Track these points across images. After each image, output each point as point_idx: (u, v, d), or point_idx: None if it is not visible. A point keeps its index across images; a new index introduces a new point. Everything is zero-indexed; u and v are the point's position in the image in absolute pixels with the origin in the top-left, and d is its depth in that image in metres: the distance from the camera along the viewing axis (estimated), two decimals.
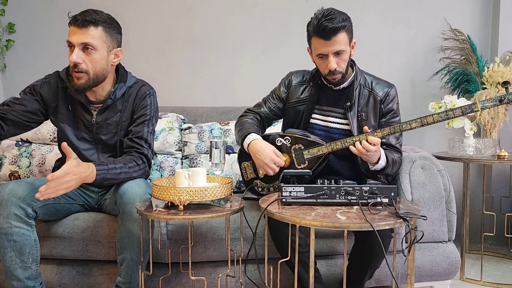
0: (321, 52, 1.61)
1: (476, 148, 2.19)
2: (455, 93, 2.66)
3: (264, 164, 1.65)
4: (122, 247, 1.55)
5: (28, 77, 2.72)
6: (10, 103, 1.67)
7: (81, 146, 1.71)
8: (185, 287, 1.75)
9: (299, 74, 1.85)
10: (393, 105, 1.75)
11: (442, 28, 2.74)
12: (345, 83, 1.73)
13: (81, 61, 1.58)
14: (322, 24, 1.56)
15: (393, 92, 1.76)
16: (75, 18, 1.58)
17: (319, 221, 1.21)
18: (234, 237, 1.72)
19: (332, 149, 1.67)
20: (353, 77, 1.74)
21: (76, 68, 1.59)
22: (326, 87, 1.77)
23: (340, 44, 1.59)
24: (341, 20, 1.57)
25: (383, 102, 1.73)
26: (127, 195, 1.52)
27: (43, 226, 1.69)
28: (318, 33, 1.59)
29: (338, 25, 1.56)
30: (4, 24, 2.73)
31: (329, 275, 1.80)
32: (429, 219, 1.82)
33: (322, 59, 1.64)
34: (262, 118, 1.86)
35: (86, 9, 1.62)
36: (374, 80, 1.77)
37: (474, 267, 2.31)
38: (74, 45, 1.58)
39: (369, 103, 1.73)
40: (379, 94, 1.73)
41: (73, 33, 1.58)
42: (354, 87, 1.72)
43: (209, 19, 2.75)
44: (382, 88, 1.75)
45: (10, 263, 1.49)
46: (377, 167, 1.62)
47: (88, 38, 1.58)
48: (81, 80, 1.61)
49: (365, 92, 1.74)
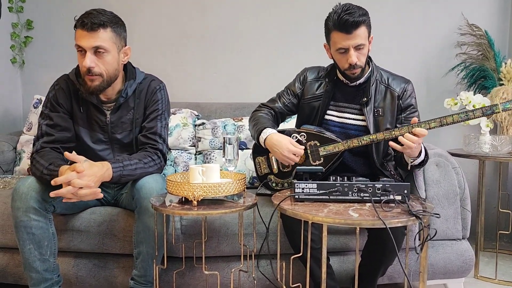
0: (342, 46, 1.61)
1: (492, 145, 2.16)
2: (471, 89, 2.62)
3: (283, 156, 1.65)
4: (138, 241, 1.58)
5: (46, 73, 2.79)
6: (50, 131, 1.64)
7: (97, 147, 1.72)
8: (199, 281, 1.78)
9: (314, 70, 1.85)
10: (411, 100, 1.74)
11: (458, 23, 2.70)
12: (361, 79, 1.72)
13: (94, 65, 1.57)
14: (343, 18, 1.56)
15: (410, 87, 1.75)
16: (83, 22, 1.56)
17: (331, 217, 1.21)
18: (247, 232, 1.73)
19: (348, 146, 1.66)
20: (370, 73, 1.73)
21: (90, 73, 1.58)
22: (342, 83, 1.77)
23: (361, 38, 1.59)
24: (361, 14, 1.58)
25: (401, 98, 1.72)
26: (144, 190, 1.54)
27: (60, 220, 1.73)
28: (339, 27, 1.58)
29: (359, 19, 1.56)
30: (23, 21, 2.78)
31: (341, 271, 1.80)
32: (443, 217, 1.80)
33: (342, 53, 1.63)
34: (276, 114, 1.86)
35: (90, 11, 1.59)
36: (390, 76, 1.76)
37: (488, 265, 2.29)
38: (85, 49, 1.57)
39: (386, 99, 1.72)
40: (396, 90, 1.72)
41: (82, 37, 1.56)
42: (371, 83, 1.72)
43: (222, 16, 2.76)
44: (399, 84, 1.74)
45: (29, 255, 1.53)
46: (417, 161, 1.59)
47: (99, 41, 1.57)
48: (95, 82, 1.60)
49: (381, 88, 1.73)
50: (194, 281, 1.78)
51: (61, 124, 1.66)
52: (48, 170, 1.51)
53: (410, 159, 1.59)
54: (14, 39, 2.76)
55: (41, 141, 1.64)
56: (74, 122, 1.70)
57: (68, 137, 1.68)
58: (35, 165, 1.56)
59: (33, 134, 2.38)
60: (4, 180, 2.10)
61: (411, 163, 1.60)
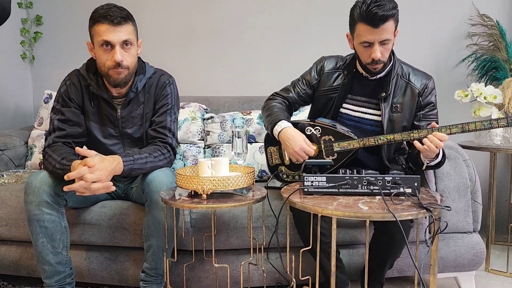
0: (367, 40, 1.53)
1: (504, 137, 2.13)
2: (482, 80, 2.58)
3: (294, 152, 1.62)
4: (148, 234, 1.60)
5: (56, 68, 2.81)
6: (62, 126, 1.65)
7: (108, 142, 1.73)
8: (208, 274, 1.79)
9: (333, 60, 1.77)
10: (432, 98, 1.69)
11: (469, 13, 2.65)
12: (382, 73, 1.66)
13: (123, 58, 1.60)
14: (372, 10, 1.46)
15: (431, 84, 1.69)
16: (109, 16, 1.56)
17: (341, 211, 1.21)
18: (256, 225, 1.74)
19: (364, 144, 1.62)
20: (391, 67, 1.66)
21: (120, 66, 1.60)
22: (361, 76, 1.70)
23: (387, 33, 1.51)
24: (391, 7, 1.48)
25: (421, 95, 1.67)
26: (154, 184, 1.55)
27: (72, 213, 1.75)
28: (366, 20, 1.49)
29: (388, 13, 1.47)
30: (32, 16, 2.80)
31: (350, 264, 1.80)
32: (454, 210, 1.79)
33: (366, 47, 1.56)
34: (290, 103, 1.81)
35: (108, 5, 1.59)
36: (412, 71, 1.70)
37: (500, 259, 2.27)
38: (113, 44, 1.58)
39: (405, 95, 1.66)
40: (416, 86, 1.67)
41: (109, 32, 1.57)
42: (392, 77, 1.65)
43: (230, 10, 2.75)
44: (420, 80, 1.68)
45: (42, 248, 1.56)
46: (434, 162, 1.55)
47: (127, 35, 1.60)
48: (122, 75, 1.63)
49: (401, 83, 1.67)
50: (204, 274, 1.79)
51: (72, 119, 1.68)
52: (61, 164, 1.52)
53: (426, 160, 1.55)
54: (24, 35, 2.79)
55: (53, 136, 1.65)
56: (85, 117, 1.72)
57: (80, 132, 1.69)
58: (47, 159, 1.58)
59: (44, 129, 2.41)
60: (16, 175, 2.13)
61: (427, 163, 1.56)
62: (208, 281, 1.80)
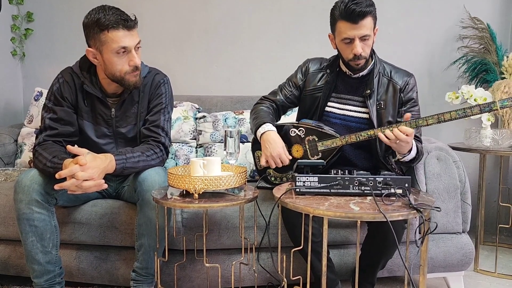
0: (348, 36, 1.60)
1: (493, 139, 2.16)
2: (473, 82, 2.61)
3: (270, 156, 1.65)
4: (140, 233, 1.59)
5: (46, 66, 2.79)
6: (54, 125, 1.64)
7: (101, 141, 1.72)
8: (200, 273, 1.79)
9: (317, 61, 1.84)
10: (413, 94, 1.74)
11: (461, 16, 2.68)
12: (364, 70, 1.72)
13: (138, 61, 1.61)
14: (350, 7, 1.55)
15: (412, 81, 1.74)
16: (125, 21, 1.55)
17: (332, 211, 1.22)
18: (248, 225, 1.74)
19: (346, 142, 1.66)
20: (373, 65, 1.73)
21: (137, 69, 1.61)
22: (344, 75, 1.76)
23: (366, 29, 1.59)
24: (368, 4, 1.58)
25: (402, 91, 1.72)
26: (146, 183, 1.55)
27: (62, 212, 1.74)
28: (345, 17, 1.58)
29: (366, 9, 1.56)
30: (23, 13, 2.77)
31: (341, 264, 1.81)
32: (444, 210, 1.81)
33: (347, 43, 1.62)
34: (277, 106, 1.85)
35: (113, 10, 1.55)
36: (393, 69, 1.75)
37: (488, 259, 2.30)
38: (128, 48, 1.57)
39: (388, 92, 1.72)
40: (398, 83, 1.72)
41: (125, 37, 1.55)
42: (374, 75, 1.71)
43: (224, 9, 2.75)
44: (402, 77, 1.74)
45: (32, 247, 1.54)
46: (407, 157, 1.60)
47: (138, 37, 1.61)
48: (138, 77, 1.64)
49: (384, 81, 1.73)
50: (195, 273, 1.79)
51: (64, 118, 1.66)
52: (52, 163, 1.51)
53: (399, 154, 1.60)
54: (14, 32, 2.76)
55: (44, 135, 1.64)
56: (78, 116, 1.70)
57: (72, 131, 1.68)
58: (38, 157, 1.56)
59: (34, 126, 2.39)
60: (5, 173, 2.10)
61: (401, 159, 1.61)
62: (199, 280, 1.80)
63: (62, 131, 1.65)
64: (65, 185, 1.43)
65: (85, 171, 1.43)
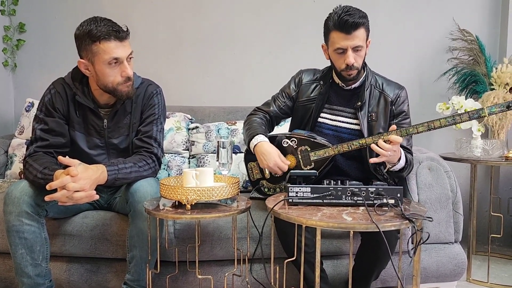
0: (341, 46, 1.62)
1: (484, 149, 2.18)
2: (463, 93, 2.64)
3: (268, 167, 1.67)
4: (132, 245, 1.57)
5: (38, 76, 2.77)
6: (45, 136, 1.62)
7: (92, 152, 1.71)
8: (192, 285, 1.77)
9: (310, 72, 1.85)
10: (404, 107, 1.75)
11: (450, 28, 2.73)
12: (356, 82, 1.74)
13: (131, 71, 1.61)
14: (343, 18, 1.58)
15: (403, 94, 1.76)
16: (116, 32, 1.54)
17: (325, 221, 1.22)
18: (241, 236, 1.73)
19: (338, 151, 1.67)
20: (364, 77, 1.74)
21: (130, 80, 1.61)
22: (337, 86, 1.77)
23: (359, 40, 1.61)
24: (361, 16, 1.60)
25: (394, 104, 1.74)
26: (138, 194, 1.54)
27: (53, 224, 1.72)
28: (339, 27, 1.60)
29: (359, 21, 1.59)
30: (15, 24, 2.77)
31: (335, 275, 1.80)
32: (436, 220, 1.82)
33: (340, 54, 1.64)
34: (271, 117, 1.86)
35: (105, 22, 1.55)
36: (385, 82, 1.77)
37: (481, 269, 2.30)
38: (120, 59, 1.57)
39: (379, 104, 1.73)
40: (390, 96, 1.74)
41: (117, 48, 1.55)
42: (365, 87, 1.73)
43: (217, 18, 2.76)
44: (393, 89, 1.75)
45: (21, 260, 1.52)
46: (397, 167, 1.61)
47: (130, 48, 1.60)
48: (130, 87, 1.63)
49: (375, 93, 1.74)
50: (187, 285, 1.77)
51: (56, 129, 1.65)
52: (43, 174, 1.50)
53: (389, 164, 1.61)
54: (6, 42, 2.75)
55: (35, 146, 1.62)
56: (70, 127, 1.69)
57: (63, 142, 1.67)
58: (28, 168, 1.55)
59: (25, 137, 2.36)
60: None
61: (389, 168, 1.62)
62: None
63: (53, 142, 1.64)
64: (55, 196, 1.42)
65: (77, 182, 1.42)
